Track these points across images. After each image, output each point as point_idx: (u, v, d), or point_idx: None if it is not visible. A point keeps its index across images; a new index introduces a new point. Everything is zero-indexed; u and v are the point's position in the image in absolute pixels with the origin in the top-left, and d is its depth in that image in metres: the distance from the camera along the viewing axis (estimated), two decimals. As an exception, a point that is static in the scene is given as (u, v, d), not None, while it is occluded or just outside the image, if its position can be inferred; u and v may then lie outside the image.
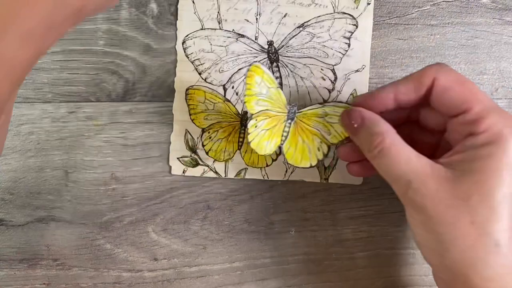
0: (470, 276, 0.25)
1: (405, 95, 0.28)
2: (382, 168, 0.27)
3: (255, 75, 0.30)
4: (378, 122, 0.28)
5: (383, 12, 0.35)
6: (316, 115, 0.32)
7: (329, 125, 0.32)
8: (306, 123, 0.32)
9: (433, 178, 0.25)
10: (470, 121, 0.26)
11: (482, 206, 0.24)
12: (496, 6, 0.35)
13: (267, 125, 0.31)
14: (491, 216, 0.24)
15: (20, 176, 0.35)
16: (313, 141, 0.32)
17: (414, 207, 0.26)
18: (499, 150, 0.24)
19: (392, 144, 0.26)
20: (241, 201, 0.35)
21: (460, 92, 0.26)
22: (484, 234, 0.24)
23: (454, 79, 0.27)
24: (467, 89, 0.26)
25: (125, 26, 0.35)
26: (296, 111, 0.32)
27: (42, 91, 0.35)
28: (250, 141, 0.31)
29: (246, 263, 0.35)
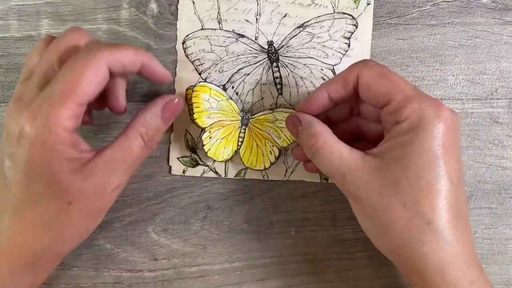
0: (411, 255, 0.26)
1: (336, 93, 0.29)
2: (320, 165, 0.29)
3: (202, 94, 0.33)
4: (312, 124, 0.29)
5: (383, 12, 0.35)
6: (267, 120, 0.34)
7: (279, 129, 0.34)
8: (259, 128, 0.34)
9: (364, 169, 0.27)
10: (393, 111, 0.27)
11: (410, 189, 0.26)
12: (496, 6, 0.35)
13: (222, 134, 0.34)
14: (420, 197, 0.26)
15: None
16: (265, 145, 0.34)
17: (352, 198, 0.28)
18: (419, 135, 0.26)
19: (325, 142, 0.28)
20: (241, 201, 0.35)
21: (382, 84, 0.27)
22: (416, 215, 0.26)
23: (376, 73, 0.28)
24: (389, 81, 0.27)
25: (125, 26, 0.35)
26: (250, 117, 0.34)
27: (42, 91, 0.35)
28: (207, 151, 0.34)
29: (246, 263, 0.35)
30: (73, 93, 0.25)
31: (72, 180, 0.26)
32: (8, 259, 0.26)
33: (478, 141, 0.35)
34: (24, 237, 0.26)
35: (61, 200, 0.26)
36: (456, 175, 0.26)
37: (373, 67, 0.28)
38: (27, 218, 0.26)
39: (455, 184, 0.26)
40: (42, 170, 0.25)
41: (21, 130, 0.25)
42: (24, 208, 0.26)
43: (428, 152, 0.26)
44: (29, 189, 0.26)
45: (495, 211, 0.35)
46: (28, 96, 0.26)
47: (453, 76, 0.35)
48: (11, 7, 0.35)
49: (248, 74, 0.35)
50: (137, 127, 0.28)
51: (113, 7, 0.35)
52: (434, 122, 0.26)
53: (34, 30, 0.35)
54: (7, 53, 0.35)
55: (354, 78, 0.28)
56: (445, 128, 0.26)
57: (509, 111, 0.35)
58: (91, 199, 0.27)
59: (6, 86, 0.35)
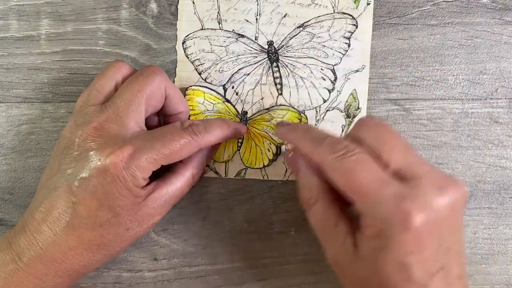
0: None
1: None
2: (310, 220, 0.29)
3: (195, 97, 0.34)
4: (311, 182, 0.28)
5: (383, 12, 0.35)
6: (264, 119, 0.34)
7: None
8: (256, 128, 0.34)
9: (342, 253, 0.26)
10: (358, 213, 0.25)
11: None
12: (496, 6, 0.35)
13: None
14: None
15: (20, 176, 0.35)
16: (263, 143, 0.35)
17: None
18: (381, 246, 0.24)
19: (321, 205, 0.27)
20: (241, 201, 0.35)
21: (342, 183, 0.25)
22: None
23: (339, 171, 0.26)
24: (349, 181, 0.25)
25: (125, 26, 0.35)
26: (247, 118, 0.34)
27: (42, 91, 0.35)
28: None
29: (246, 263, 0.35)
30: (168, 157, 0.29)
31: (135, 211, 0.29)
32: (58, 265, 0.28)
33: (478, 141, 0.35)
34: (78, 250, 0.28)
35: (122, 227, 0.29)
36: (428, 272, 0.24)
37: (339, 162, 0.25)
38: (86, 236, 0.28)
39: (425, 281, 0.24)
40: (114, 202, 0.28)
41: (107, 166, 0.27)
42: (87, 228, 0.28)
43: (392, 263, 0.24)
44: (97, 215, 0.28)
45: (495, 211, 0.35)
46: (125, 137, 0.28)
47: (453, 76, 0.35)
48: (11, 7, 0.35)
49: (248, 74, 0.35)
50: (191, 168, 0.31)
51: (113, 7, 0.35)
52: (396, 234, 0.23)
53: (34, 30, 0.35)
54: (7, 53, 0.35)
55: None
56: (414, 237, 0.23)
57: (509, 111, 0.35)
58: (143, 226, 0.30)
59: (6, 86, 0.35)
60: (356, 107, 0.35)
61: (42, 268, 0.28)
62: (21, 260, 0.27)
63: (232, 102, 0.35)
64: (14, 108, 0.35)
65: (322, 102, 0.35)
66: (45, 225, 0.28)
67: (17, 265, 0.27)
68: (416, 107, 0.35)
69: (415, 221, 0.23)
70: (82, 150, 0.28)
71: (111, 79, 0.31)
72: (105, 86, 0.30)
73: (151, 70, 0.30)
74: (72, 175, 0.28)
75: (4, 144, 0.35)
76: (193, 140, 0.29)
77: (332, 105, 0.35)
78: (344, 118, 0.35)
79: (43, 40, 0.35)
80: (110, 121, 0.29)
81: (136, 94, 0.29)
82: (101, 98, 0.30)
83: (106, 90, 0.30)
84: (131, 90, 0.29)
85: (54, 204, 0.28)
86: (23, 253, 0.28)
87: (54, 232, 0.27)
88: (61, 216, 0.27)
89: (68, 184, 0.27)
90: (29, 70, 0.35)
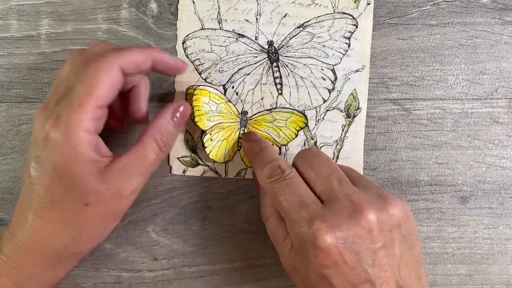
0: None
1: None
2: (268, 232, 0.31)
3: (202, 97, 0.33)
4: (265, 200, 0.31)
5: (383, 12, 0.35)
6: (265, 120, 0.34)
7: (278, 129, 0.34)
8: (257, 128, 0.35)
9: (288, 262, 0.28)
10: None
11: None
12: (496, 6, 0.35)
13: (222, 136, 0.34)
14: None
15: (20, 176, 0.35)
16: None
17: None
18: (300, 259, 0.27)
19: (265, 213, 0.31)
20: (241, 201, 0.35)
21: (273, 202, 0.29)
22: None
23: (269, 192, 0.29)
24: (275, 201, 0.29)
25: (125, 26, 0.35)
26: (248, 119, 0.34)
27: (42, 91, 0.35)
28: (209, 153, 0.34)
29: (246, 263, 0.35)
30: (90, 96, 0.27)
31: (90, 183, 0.27)
32: (30, 251, 0.28)
33: (478, 141, 0.35)
34: (44, 233, 0.28)
35: (79, 202, 0.27)
36: (351, 284, 0.26)
37: (271, 185, 0.29)
38: (48, 216, 0.27)
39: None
40: (63, 172, 0.27)
41: (46, 134, 0.27)
42: (46, 207, 0.27)
43: (314, 275, 0.26)
44: (51, 190, 0.27)
45: (495, 211, 0.35)
46: (52, 104, 0.28)
47: (453, 76, 0.35)
48: (11, 7, 0.35)
49: (248, 74, 0.35)
50: (152, 133, 0.30)
51: (113, 7, 0.35)
52: (309, 251, 0.26)
53: (34, 30, 0.35)
54: (7, 53, 0.35)
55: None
56: (325, 253, 0.25)
57: (509, 111, 0.35)
58: (108, 202, 0.28)
59: (6, 86, 0.35)
60: (356, 107, 0.35)
61: (18, 256, 0.28)
62: (2, 253, 0.28)
63: (232, 102, 0.35)
64: (14, 108, 0.35)
65: (322, 102, 0.35)
66: (19, 214, 0.28)
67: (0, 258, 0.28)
68: (416, 107, 0.35)
69: (324, 239, 0.25)
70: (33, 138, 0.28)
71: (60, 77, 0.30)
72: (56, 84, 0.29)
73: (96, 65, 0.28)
74: (28, 160, 0.28)
75: (4, 144, 0.35)
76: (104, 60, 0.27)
77: (332, 105, 0.35)
78: (344, 118, 0.35)
79: (43, 40, 0.35)
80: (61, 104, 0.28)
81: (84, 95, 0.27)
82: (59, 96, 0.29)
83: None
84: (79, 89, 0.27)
85: (21, 191, 0.29)
86: (4, 246, 0.28)
87: (24, 218, 0.28)
88: (26, 201, 0.28)
89: (27, 168, 0.28)
90: (29, 70, 0.35)
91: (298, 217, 0.27)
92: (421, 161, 0.35)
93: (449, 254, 0.35)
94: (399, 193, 0.35)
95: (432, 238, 0.35)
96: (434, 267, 0.35)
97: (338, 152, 0.35)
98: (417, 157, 0.35)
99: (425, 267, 0.35)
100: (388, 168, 0.35)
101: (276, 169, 0.29)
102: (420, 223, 0.35)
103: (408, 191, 0.35)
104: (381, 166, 0.35)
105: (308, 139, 0.35)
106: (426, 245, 0.35)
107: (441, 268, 0.35)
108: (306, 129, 0.35)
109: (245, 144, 0.33)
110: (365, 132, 0.35)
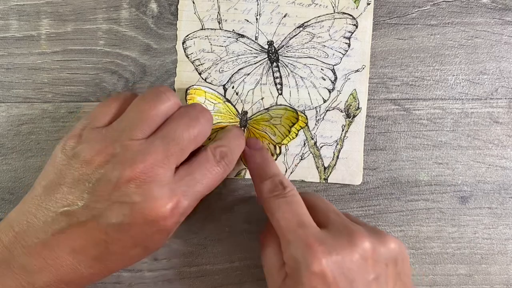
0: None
1: None
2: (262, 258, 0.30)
3: (197, 96, 0.33)
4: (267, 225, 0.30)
5: (383, 12, 0.35)
6: (263, 119, 0.34)
7: (274, 126, 0.34)
8: (256, 127, 0.34)
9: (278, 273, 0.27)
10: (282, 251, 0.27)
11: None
12: (496, 6, 0.35)
13: None
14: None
15: (20, 176, 0.35)
16: (263, 143, 0.34)
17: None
18: (297, 284, 0.26)
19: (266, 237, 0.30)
20: (241, 201, 0.35)
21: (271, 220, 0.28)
22: None
23: (267, 211, 0.29)
24: (273, 220, 0.28)
25: (125, 26, 0.35)
26: (248, 118, 0.34)
27: (42, 91, 0.35)
28: None
29: (246, 263, 0.35)
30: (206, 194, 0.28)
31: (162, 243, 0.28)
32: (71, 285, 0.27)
33: (478, 141, 0.35)
34: (97, 276, 0.27)
35: (148, 254, 0.28)
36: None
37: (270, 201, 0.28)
38: (112, 266, 0.27)
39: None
40: (151, 244, 0.27)
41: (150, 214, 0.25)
42: (114, 260, 0.27)
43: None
44: (130, 252, 0.27)
45: (495, 211, 0.35)
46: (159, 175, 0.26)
47: (453, 76, 0.35)
48: (11, 7, 0.35)
49: (248, 74, 0.35)
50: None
51: (113, 7, 0.35)
52: (303, 274, 0.25)
53: (34, 30, 0.35)
54: (7, 53, 0.35)
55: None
56: (319, 277, 0.25)
57: (509, 111, 0.35)
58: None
59: (6, 86, 0.35)
60: (356, 107, 0.35)
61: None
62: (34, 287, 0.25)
63: (232, 102, 0.35)
64: (14, 108, 0.35)
65: (322, 102, 0.35)
66: (63, 253, 0.25)
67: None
68: (416, 107, 0.35)
69: (320, 263, 0.25)
70: (122, 194, 0.25)
71: (164, 114, 0.28)
72: (155, 120, 0.27)
73: (209, 118, 0.29)
74: (108, 217, 0.25)
75: (4, 144, 0.35)
76: (225, 172, 0.29)
77: (332, 105, 0.35)
78: (344, 118, 0.35)
79: (43, 40, 0.35)
80: (158, 165, 0.26)
81: (190, 141, 0.27)
82: (146, 133, 0.27)
83: (154, 124, 0.27)
84: (188, 135, 0.27)
85: (76, 237, 0.25)
86: (35, 278, 0.25)
87: (78, 261, 0.26)
88: (87, 250, 0.26)
89: (100, 223, 0.25)
90: (29, 70, 0.35)
91: (295, 237, 0.26)
92: (421, 161, 0.35)
93: (449, 254, 0.35)
94: (399, 193, 0.35)
95: (432, 238, 0.35)
96: (434, 267, 0.35)
97: (338, 152, 0.35)
98: (417, 157, 0.35)
99: (425, 267, 0.35)
100: (388, 168, 0.35)
101: (278, 185, 0.29)
102: (420, 223, 0.35)
103: (408, 191, 0.35)
104: (381, 166, 0.35)
105: (308, 139, 0.35)
106: (426, 245, 0.35)
107: (441, 268, 0.35)
108: (306, 129, 0.35)
109: (247, 150, 0.33)
110: (365, 132, 0.35)
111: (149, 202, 0.25)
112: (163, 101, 0.28)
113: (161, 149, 0.26)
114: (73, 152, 0.26)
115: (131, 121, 0.27)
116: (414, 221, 0.35)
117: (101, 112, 0.29)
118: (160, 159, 0.26)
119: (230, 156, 0.29)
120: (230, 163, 0.29)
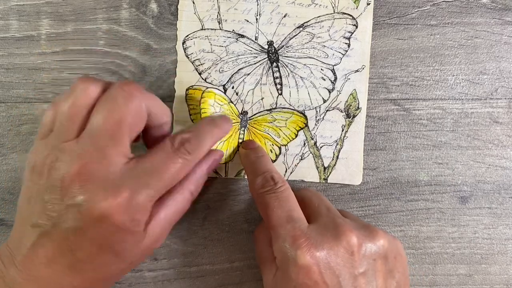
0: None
1: None
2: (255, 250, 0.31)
3: (208, 99, 0.33)
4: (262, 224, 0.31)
5: (383, 12, 0.35)
6: (265, 120, 0.34)
7: (278, 129, 0.34)
8: (257, 128, 0.34)
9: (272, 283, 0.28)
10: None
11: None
12: (496, 6, 0.35)
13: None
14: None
15: (20, 176, 0.35)
16: (265, 144, 0.35)
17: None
18: (280, 275, 0.27)
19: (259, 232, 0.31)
20: (241, 201, 0.35)
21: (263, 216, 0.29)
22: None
23: (260, 207, 0.29)
24: (265, 215, 0.29)
25: (125, 26, 0.35)
26: (248, 119, 0.34)
27: (42, 91, 0.35)
28: None
29: (246, 263, 0.35)
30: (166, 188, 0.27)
31: (137, 246, 0.26)
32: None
33: (478, 141, 0.35)
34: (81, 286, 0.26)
35: (126, 262, 0.27)
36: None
37: (261, 196, 0.29)
38: (89, 276, 0.26)
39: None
40: (116, 246, 0.26)
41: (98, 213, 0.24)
42: (88, 269, 0.26)
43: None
44: (99, 258, 0.26)
45: (495, 211, 0.35)
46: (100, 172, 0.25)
47: (453, 76, 0.35)
48: (11, 7, 0.35)
49: (248, 74, 0.35)
50: (188, 184, 0.29)
51: (113, 7, 0.35)
52: (290, 267, 0.26)
53: (34, 30, 0.35)
54: (7, 53, 0.35)
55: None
56: (305, 271, 0.26)
57: (509, 111, 0.35)
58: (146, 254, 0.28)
59: (6, 86, 0.35)
60: (356, 107, 0.35)
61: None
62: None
63: (233, 102, 0.35)
64: (14, 108, 0.35)
65: (322, 102, 0.35)
66: (41, 265, 0.25)
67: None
68: (416, 107, 0.35)
69: (305, 257, 0.26)
70: (69, 198, 0.25)
71: (82, 107, 0.26)
72: (77, 115, 0.26)
73: (128, 92, 0.26)
74: (64, 223, 0.25)
75: (4, 144, 0.35)
76: (188, 161, 0.27)
77: (332, 105, 0.35)
78: (344, 118, 0.35)
79: (43, 40, 0.35)
80: (94, 162, 0.25)
81: (117, 126, 0.26)
82: (75, 131, 0.26)
83: (78, 120, 0.26)
84: (110, 121, 0.26)
85: (47, 247, 0.25)
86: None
87: (54, 271, 0.25)
88: (58, 259, 0.25)
89: (61, 231, 0.25)
90: (29, 70, 0.35)
91: (283, 231, 0.27)
92: (421, 161, 0.35)
93: (449, 254, 0.35)
94: (399, 193, 0.35)
95: (432, 238, 0.35)
96: (434, 267, 0.35)
97: (338, 152, 0.35)
98: (417, 157, 0.35)
99: (425, 267, 0.35)
100: (388, 168, 0.35)
101: (269, 180, 0.29)
102: (420, 223, 0.35)
103: (408, 191, 0.35)
104: (381, 166, 0.35)
105: (308, 139, 0.35)
106: (426, 245, 0.35)
107: (441, 268, 0.35)
108: (306, 129, 0.35)
109: (242, 151, 0.33)
110: (365, 132, 0.35)
111: (93, 200, 0.24)
112: (78, 95, 0.26)
113: (90, 144, 0.25)
114: (30, 167, 0.27)
115: (59, 124, 0.27)
116: (414, 221, 0.35)
117: (42, 123, 0.28)
118: (94, 155, 0.25)
119: (194, 142, 0.28)
120: (193, 150, 0.27)
